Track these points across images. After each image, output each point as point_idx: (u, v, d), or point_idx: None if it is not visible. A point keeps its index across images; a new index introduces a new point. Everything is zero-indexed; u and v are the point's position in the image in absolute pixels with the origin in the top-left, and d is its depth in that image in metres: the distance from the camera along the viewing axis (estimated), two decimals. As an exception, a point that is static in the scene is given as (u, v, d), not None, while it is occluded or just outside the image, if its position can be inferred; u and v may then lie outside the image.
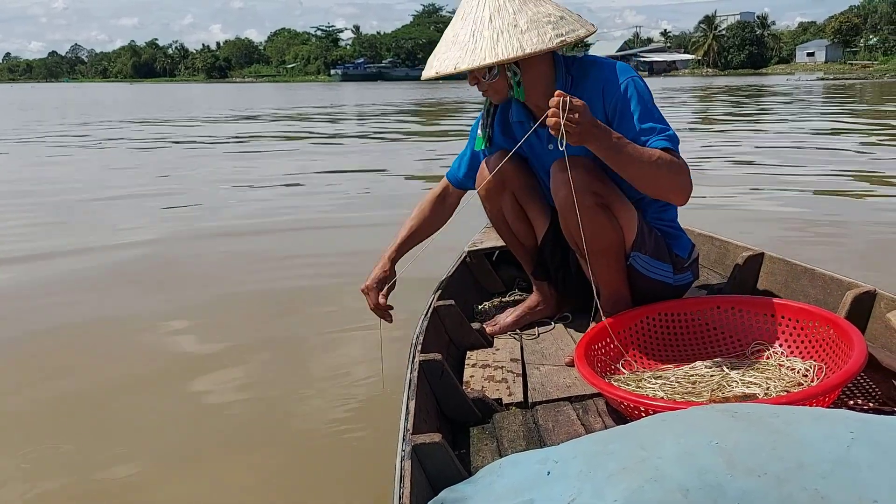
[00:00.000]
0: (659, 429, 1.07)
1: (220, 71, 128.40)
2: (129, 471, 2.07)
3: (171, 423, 2.37)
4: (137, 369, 2.79)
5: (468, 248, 2.74)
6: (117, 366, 2.84)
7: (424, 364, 1.65)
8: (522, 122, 2.01)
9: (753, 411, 1.10)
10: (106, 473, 2.07)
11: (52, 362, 2.88)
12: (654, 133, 1.77)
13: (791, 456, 0.95)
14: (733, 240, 2.53)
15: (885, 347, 1.80)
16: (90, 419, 2.41)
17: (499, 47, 1.74)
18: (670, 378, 1.74)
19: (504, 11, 1.78)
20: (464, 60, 1.77)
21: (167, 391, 2.61)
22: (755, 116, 15.92)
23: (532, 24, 1.77)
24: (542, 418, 1.65)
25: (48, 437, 2.28)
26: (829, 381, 1.44)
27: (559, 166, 1.84)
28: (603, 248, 1.88)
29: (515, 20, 1.77)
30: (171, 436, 2.29)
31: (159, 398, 2.55)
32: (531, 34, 1.75)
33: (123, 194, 6.88)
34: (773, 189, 6.31)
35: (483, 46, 1.76)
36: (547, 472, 1.05)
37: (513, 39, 1.74)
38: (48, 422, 2.40)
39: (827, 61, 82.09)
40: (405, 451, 1.22)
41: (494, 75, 1.85)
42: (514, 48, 1.74)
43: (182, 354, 2.99)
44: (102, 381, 2.69)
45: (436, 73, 1.82)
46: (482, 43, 1.76)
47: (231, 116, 20.23)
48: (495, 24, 1.77)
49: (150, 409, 2.47)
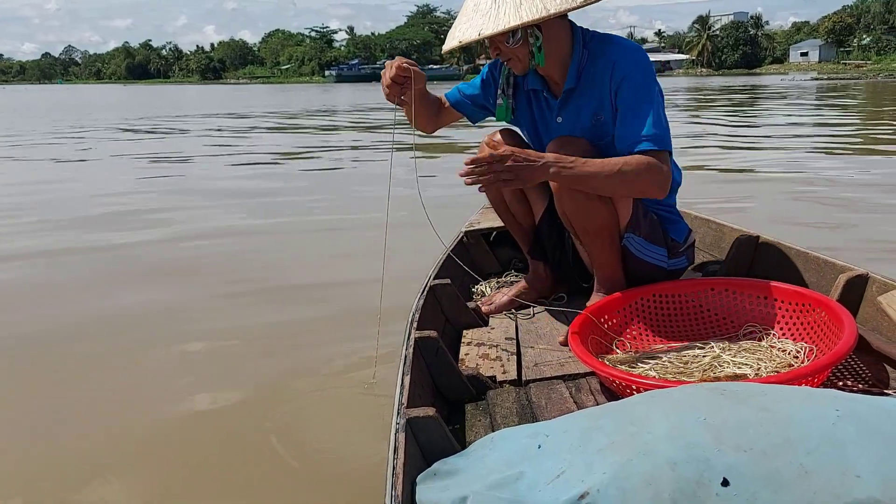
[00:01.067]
0: (649, 405, 1.09)
1: (214, 72, 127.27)
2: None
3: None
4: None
5: (465, 227, 2.75)
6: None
7: (420, 341, 1.67)
8: (537, 91, 2.01)
9: (742, 389, 1.12)
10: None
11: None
12: (640, 130, 1.78)
13: (778, 432, 0.97)
14: (729, 223, 2.54)
15: (875, 330, 1.82)
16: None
17: (522, 10, 1.73)
18: (663, 358, 1.76)
19: None
20: (487, 26, 1.75)
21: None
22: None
23: None
24: (535, 396, 1.67)
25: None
26: (818, 363, 1.46)
27: (554, 146, 1.85)
28: (597, 228, 1.89)
29: None
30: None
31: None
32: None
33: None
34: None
35: (507, 11, 1.74)
36: (538, 446, 1.07)
37: (536, 1, 1.73)
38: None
39: (820, 61, 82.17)
40: (399, 424, 1.24)
41: (518, 40, 1.82)
42: (537, 9, 1.73)
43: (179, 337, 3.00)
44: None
45: (459, 42, 1.79)
46: (505, 7, 1.74)
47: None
48: None
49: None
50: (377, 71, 59.74)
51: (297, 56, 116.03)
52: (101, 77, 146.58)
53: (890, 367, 1.67)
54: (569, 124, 1.93)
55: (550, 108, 1.97)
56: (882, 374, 1.65)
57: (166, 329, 3.07)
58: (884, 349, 1.69)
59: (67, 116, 20.79)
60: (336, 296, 3.43)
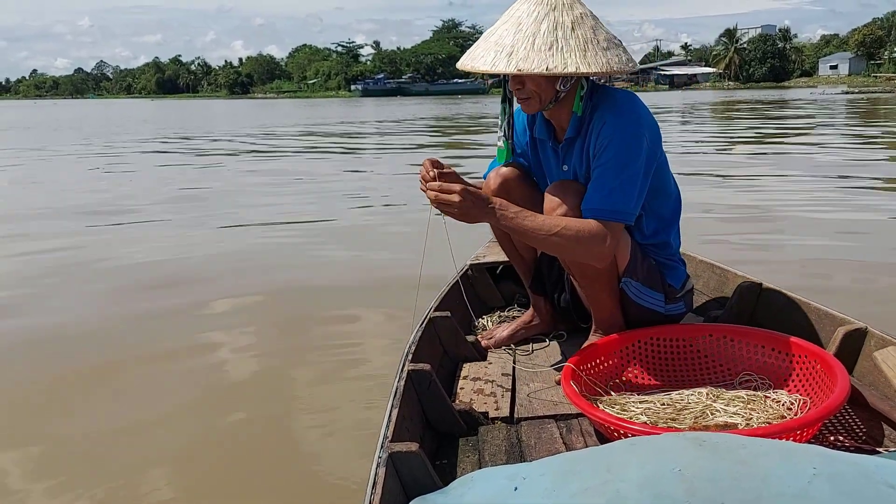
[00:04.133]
0: (627, 452, 1.09)
1: (242, 87, 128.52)
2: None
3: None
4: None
5: (471, 260, 2.77)
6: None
7: (413, 373, 1.68)
8: (544, 140, 2.01)
9: (721, 441, 1.12)
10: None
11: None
12: (597, 198, 1.78)
13: (751, 487, 0.97)
14: (732, 268, 2.54)
15: (872, 385, 1.81)
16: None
17: (589, 57, 1.70)
18: (656, 403, 1.76)
19: (583, 24, 1.75)
20: (556, 64, 1.68)
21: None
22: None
23: (609, 42, 1.76)
24: (525, 434, 1.68)
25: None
26: (808, 416, 1.45)
27: (554, 189, 1.88)
28: (594, 271, 1.90)
29: (595, 35, 1.75)
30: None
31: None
32: (612, 53, 1.74)
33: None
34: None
35: (573, 55, 1.70)
36: (514, 488, 1.07)
37: (599, 54, 1.72)
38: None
39: (850, 74, 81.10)
40: (381, 458, 1.26)
41: (570, 85, 1.82)
42: (602, 63, 1.71)
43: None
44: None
45: (518, 70, 1.71)
46: (570, 51, 1.70)
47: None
48: (578, 33, 1.73)
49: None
50: (403, 85, 58.60)
51: (324, 71, 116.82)
52: (132, 92, 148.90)
53: (885, 424, 1.66)
54: (573, 172, 1.94)
55: (557, 155, 1.98)
56: (876, 430, 1.63)
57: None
58: (878, 406, 1.68)
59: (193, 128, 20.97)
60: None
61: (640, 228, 1.96)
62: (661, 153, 1.90)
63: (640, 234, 1.97)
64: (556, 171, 2.00)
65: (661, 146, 1.90)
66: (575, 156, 1.92)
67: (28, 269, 4.51)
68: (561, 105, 1.87)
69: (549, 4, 1.76)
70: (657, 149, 1.86)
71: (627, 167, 1.78)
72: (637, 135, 1.80)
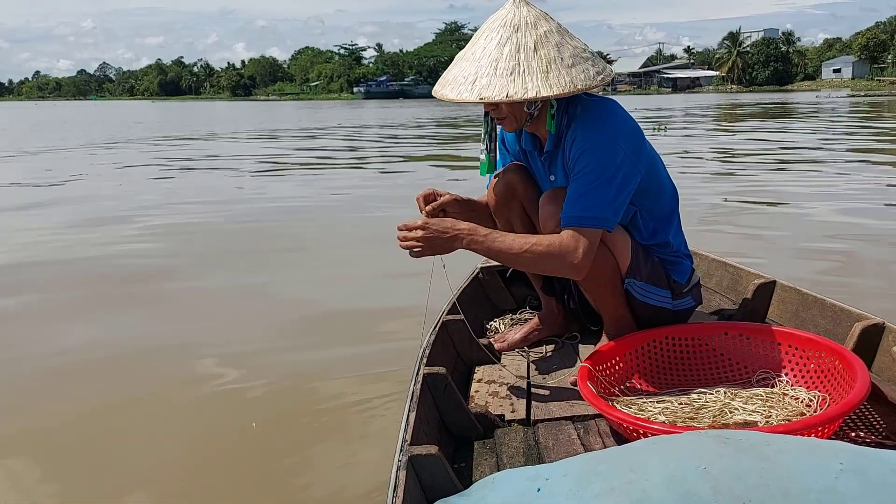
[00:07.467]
0: (649, 452, 1.08)
1: (244, 89, 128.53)
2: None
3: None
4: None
5: (481, 264, 2.76)
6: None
7: (428, 377, 1.68)
8: (531, 151, 2.02)
9: (745, 438, 1.11)
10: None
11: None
12: (571, 208, 1.76)
13: (777, 484, 0.96)
14: (746, 266, 2.53)
15: (891, 381, 1.79)
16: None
17: (551, 79, 1.69)
18: (673, 402, 1.75)
19: (547, 42, 1.73)
20: (515, 91, 1.68)
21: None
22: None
23: (575, 58, 1.73)
24: (542, 436, 1.67)
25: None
26: (829, 413, 1.44)
27: (547, 198, 1.87)
28: (597, 276, 1.89)
29: (560, 53, 1.72)
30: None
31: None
32: (577, 70, 1.71)
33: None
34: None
35: (534, 78, 1.69)
36: (537, 489, 1.07)
37: (562, 73, 1.70)
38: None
39: (854, 78, 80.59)
40: (401, 462, 1.25)
41: (537, 107, 1.82)
42: (564, 83, 1.69)
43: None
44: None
45: (480, 98, 1.71)
46: (532, 75, 1.69)
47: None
48: (541, 54, 1.71)
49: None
50: (405, 87, 58.51)
51: (326, 73, 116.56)
52: (134, 93, 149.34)
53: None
54: (559, 182, 1.94)
55: (544, 165, 1.98)
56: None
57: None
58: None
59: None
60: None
61: (639, 229, 1.96)
62: (646, 156, 1.86)
63: (640, 234, 1.97)
64: (545, 181, 2.01)
65: (646, 149, 1.87)
66: (558, 167, 1.93)
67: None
68: (538, 120, 1.88)
69: (513, 26, 1.75)
70: (637, 156, 1.82)
71: (601, 176, 1.75)
72: (608, 147, 1.77)
